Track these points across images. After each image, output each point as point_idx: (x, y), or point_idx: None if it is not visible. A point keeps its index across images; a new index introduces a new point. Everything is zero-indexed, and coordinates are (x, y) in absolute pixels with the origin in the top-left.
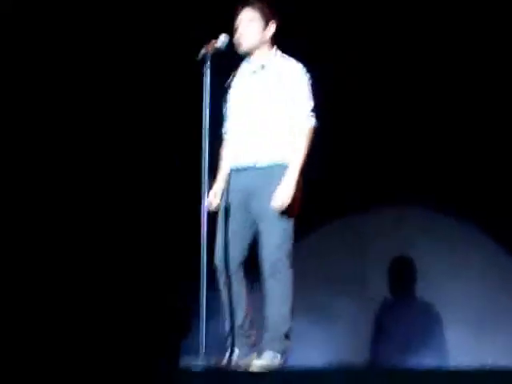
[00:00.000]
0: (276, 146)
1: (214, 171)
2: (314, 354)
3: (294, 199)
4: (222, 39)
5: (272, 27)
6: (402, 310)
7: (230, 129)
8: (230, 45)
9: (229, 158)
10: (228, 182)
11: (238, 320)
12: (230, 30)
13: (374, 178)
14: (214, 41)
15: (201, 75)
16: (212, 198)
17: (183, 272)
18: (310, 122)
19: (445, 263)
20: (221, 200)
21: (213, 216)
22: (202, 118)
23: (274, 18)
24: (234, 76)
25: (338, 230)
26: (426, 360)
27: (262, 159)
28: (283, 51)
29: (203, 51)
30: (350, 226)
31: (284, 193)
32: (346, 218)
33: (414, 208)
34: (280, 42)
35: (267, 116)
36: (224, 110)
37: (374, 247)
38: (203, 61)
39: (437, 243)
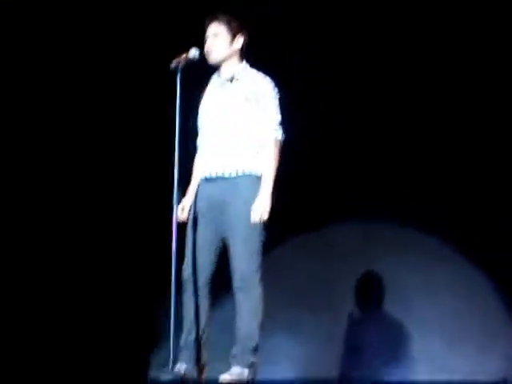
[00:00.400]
0: (244, 156)
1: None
2: (283, 368)
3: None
4: (193, 52)
5: (239, 41)
6: (371, 324)
7: (201, 140)
8: (203, 57)
9: (200, 169)
10: (197, 193)
11: (192, 336)
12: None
13: (342, 192)
14: (185, 53)
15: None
16: (180, 211)
17: (153, 284)
18: (278, 134)
19: (413, 277)
20: (189, 211)
21: (182, 227)
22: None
23: (241, 32)
24: (205, 88)
25: (307, 244)
26: (396, 373)
27: (230, 170)
28: (255, 64)
29: (174, 63)
30: (319, 240)
31: (262, 206)
32: (315, 231)
33: (381, 222)
34: (251, 54)
35: (235, 127)
36: (197, 121)
37: (342, 261)
38: (176, 71)
39: (405, 257)
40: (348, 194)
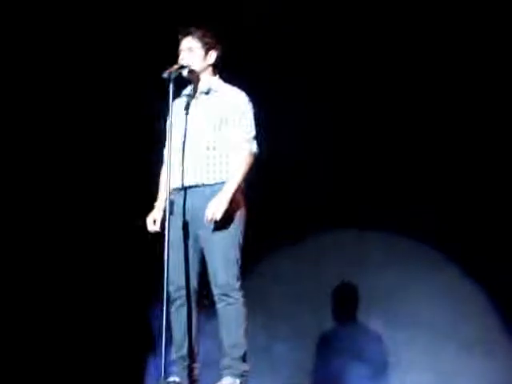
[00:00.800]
0: (220, 167)
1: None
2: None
3: (233, 218)
4: (185, 62)
5: (213, 55)
6: (354, 333)
7: (172, 151)
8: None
9: (169, 180)
10: (173, 203)
11: (183, 350)
12: None
13: (331, 199)
14: (176, 64)
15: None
16: (151, 223)
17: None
18: (251, 147)
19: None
20: (165, 222)
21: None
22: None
23: (215, 47)
24: (175, 103)
25: (291, 253)
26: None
27: (207, 179)
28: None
29: (167, 73)
30: (304, 248)
31: (216, 205)
32: (300, 241)
33: (370, 230)
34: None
35: (211, 139)
36: (166, 133)
37: (328, 269)
38: (168, 80)
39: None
40: (344, 199)
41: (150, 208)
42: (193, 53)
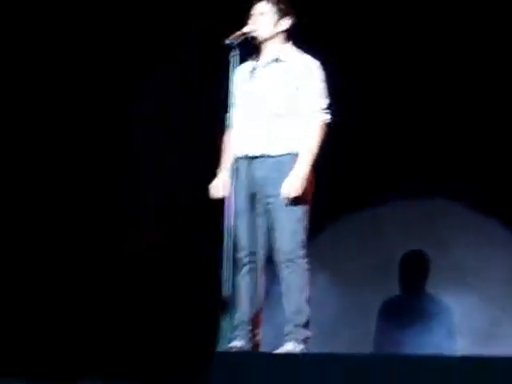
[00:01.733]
0: (288, 136)
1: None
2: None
3: (306, 191)
4: (250, 28)
5: (285, 22)
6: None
7: (238, 118)
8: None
9: (236, 147)
10: (238, 171)
11: (247, 315)
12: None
13: (395, 168)
14: (239, 31)
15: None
16: (219, 187)
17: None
18: (324, 117)
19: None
20: (231, 188)
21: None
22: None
23: (288, 14)
24: (241, 70)
25: (353, 224)
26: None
27: (275, 149)
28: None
29: (230, 39)
30: (366, 220)
31: (293, 182)
32: (362, 211)
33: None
34: (297, 37)
35: (280, 107)
36: (231, 99)
37: (393, 241)
38: (230, 48)
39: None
40: (401, 170)
41: None
42: (264, 17)
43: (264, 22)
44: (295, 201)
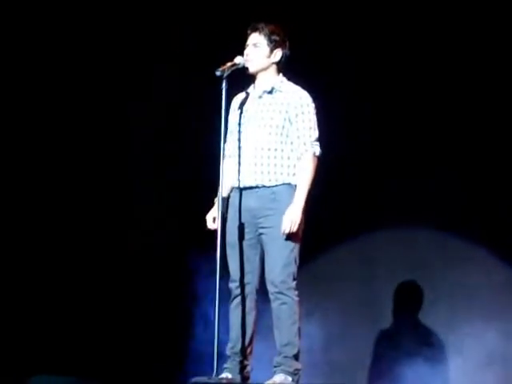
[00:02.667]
0: (283, 167)
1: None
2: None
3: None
4: (239, 60)
5: (278, 54)
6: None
7: (234, 149)
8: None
9: (229, 179)
10: (231, 201)
11: (238, 346)
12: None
13: (382, 199)
14: (230, 62)
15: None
16: (211, 221)
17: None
18: (314, 149)
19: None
20: (221, 220)
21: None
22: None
23: (281, 46)
24: (237, 99)
25: (345, 254)
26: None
27: (269, 179)
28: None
29: (220, 71)
30: (358, 249)
31: (293, 217)
32: (353, 241)
33: (423, 230)
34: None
35: (274, 139)
36: (226, 132)
37: (382, 271)
38: (221, 79)
39: (448, 266)
40: (389, 201)
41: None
42: (258, 49)
43: (257, 53)
44: (288, 234)
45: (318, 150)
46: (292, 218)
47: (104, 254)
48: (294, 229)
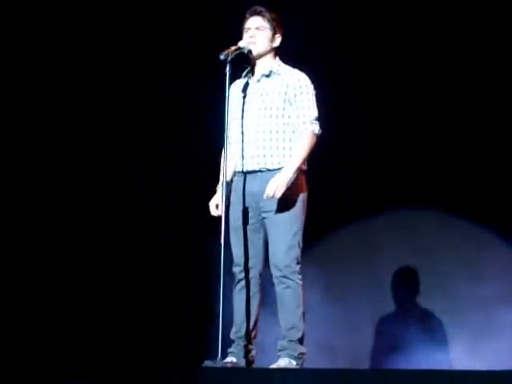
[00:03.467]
0: (282, 150)
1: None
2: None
3: (300, 208)
4: (243, 43)
5: (278, 39)
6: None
7: (233, 135)
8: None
9: (232, 163)
10: (234, 186)
11: (242, 331)
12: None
13: (382, 180)
14: (234, 46)
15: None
16: (214, 207)
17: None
18: (313, 127)
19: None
20: (224, 205)
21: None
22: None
23: (280, 30)
24: (234, 85)
25: (349, 236)
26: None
27: (270, 164)
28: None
29: (224, 55)
30: (361, 231)
31: (279, 182)
32: (357, 223)
33: (427, 211)
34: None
35: (276, 121)
36: (225, 117)
37: (386, 252)
38: (224, 63)
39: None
40: (388, 181)
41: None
42: (262, 32)
43: (261, 36)
44: (286, 212)
45: (317, 129)
46: (277, 183)
47: (104, 255)
48: (278, 194)
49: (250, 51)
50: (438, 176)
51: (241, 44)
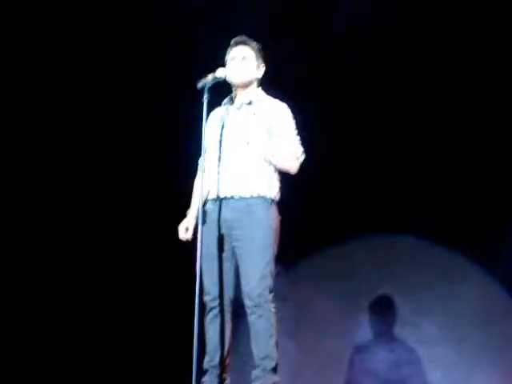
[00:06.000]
0: (258, 179)
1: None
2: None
3: (273, 237)
4: (221, 72)
5: (262, 69)
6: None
7: (209, 161)
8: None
9: (205, 190)
10: (208, 213)
11: (216, 360)
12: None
13: (364, 205)
14: (211, 74)
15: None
16: (183, 231)
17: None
18: (299, 161)
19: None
20: (199, 231)
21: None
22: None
23: (264, 61)
24: (214, 113)
25: (327, 259)
26: None
27: (244, 191)
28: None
29: (201, 83)
30: (340, 255)
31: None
32: (336, 246)
33: (404, 236)
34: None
35: (250, 150)
36: (203, 142)
37: (364, 276)
38: (202, 91)
39: (427, 273)
40: (371, 207)
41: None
42: (247, 62)
43: (247, 65)
44: (259, 242)
45: (301, 159)
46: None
47: (104, 255)
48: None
49: (225, 81)
50: (415, 201)
51: (217, 73)
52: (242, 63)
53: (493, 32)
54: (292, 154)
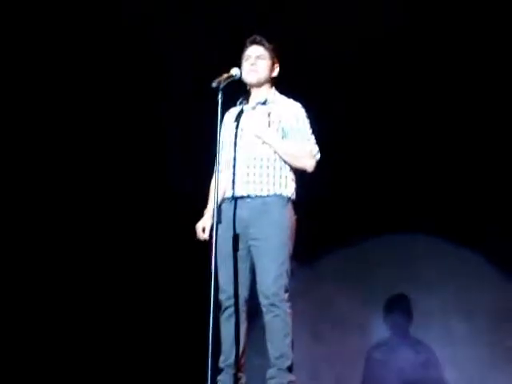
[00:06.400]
0: (275, 178)
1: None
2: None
3: (289, 236)
4: (235, 71)
5: (277, 69)
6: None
7: (225, 160)
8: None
9: (221, 189)
10: (224, 212)
11: (231, 359)
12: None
13: (378, 205)
14: (226, 73)
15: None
16: (201, 231)
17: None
18: (315, 159)
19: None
20: (216, 230)
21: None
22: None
23: (278, 61)
24: (229, 113)
25: (341, 259)
26: None
27: (261, 190)
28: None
29: (216, 82)
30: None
31: (260, 134)
32: (350, 246)
33: (419, 235)
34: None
35: (265, 149)
36: (218, 143)
37: (378, 276)
38: (217, 90)
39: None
40: (385, 207)
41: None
42: (263, 61)
43: (262, 65)
44: (275, 240)
45: (317, 157)
46: (258, 134)
47: (105, 256)
48: (259, 134)
49: (240, 80)
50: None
51: (232, 72)
52: (257, 62)
53: (493, 32)
54: (307, 153)
